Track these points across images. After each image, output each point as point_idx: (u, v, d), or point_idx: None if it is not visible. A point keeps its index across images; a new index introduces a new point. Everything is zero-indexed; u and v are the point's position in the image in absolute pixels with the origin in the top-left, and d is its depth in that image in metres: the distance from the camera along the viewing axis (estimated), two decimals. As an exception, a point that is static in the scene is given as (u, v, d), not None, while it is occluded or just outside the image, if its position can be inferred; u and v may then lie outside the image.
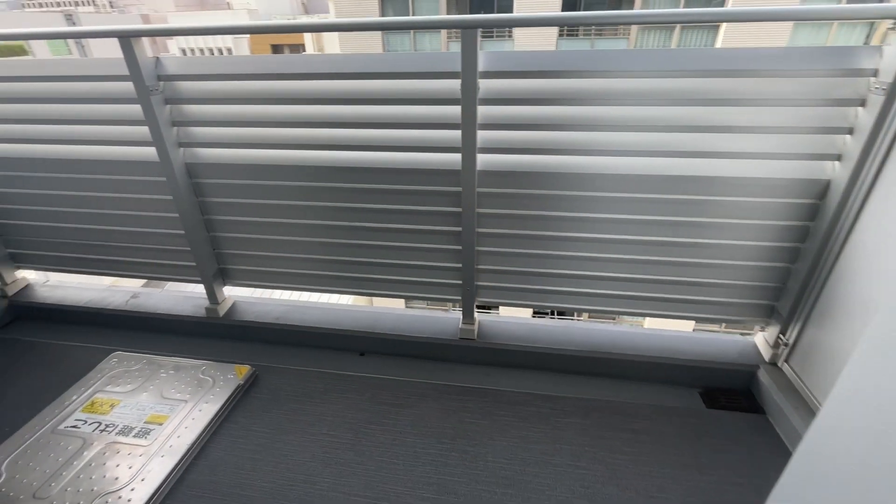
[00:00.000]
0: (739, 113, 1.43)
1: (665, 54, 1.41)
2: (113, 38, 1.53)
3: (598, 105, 1.48)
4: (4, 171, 2.00)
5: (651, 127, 1.47)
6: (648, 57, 1.42)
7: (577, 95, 1.47)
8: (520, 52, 1.47)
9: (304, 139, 1.68)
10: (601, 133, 1.52)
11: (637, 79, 1.43)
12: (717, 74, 1.40)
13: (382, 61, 1.53)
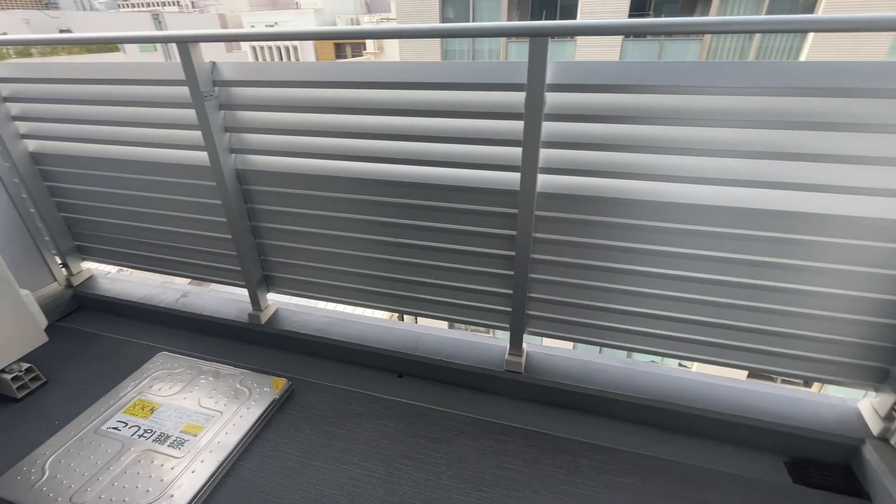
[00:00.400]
0: (847, 139, 1.18)
1: (757, 68, 1.20)
2: (172, 42, 1.52)
3: (678, 125, 1.28)
4: (74, 168, 2.08)
5: (738, 152, 1.26)
6: (737, 71, 1.20)
7: (653, 113, 1.28)
8: (591, 64, 1.30)
9: (355, 150, 1.60)
10: (679, 157, 1.32)
11: (723, 96, 1.23)
12: (820, 93, 1.16)
13: (440, 71, 1.41)
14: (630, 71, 1.28)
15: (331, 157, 1.64)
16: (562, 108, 1.34)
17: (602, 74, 1.29)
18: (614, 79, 1.28)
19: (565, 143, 1.38)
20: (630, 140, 1.33)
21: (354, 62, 1.54)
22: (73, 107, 1.93)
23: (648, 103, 1.29)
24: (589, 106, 1.33)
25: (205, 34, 1.50)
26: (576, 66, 1.31)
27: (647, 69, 1.27)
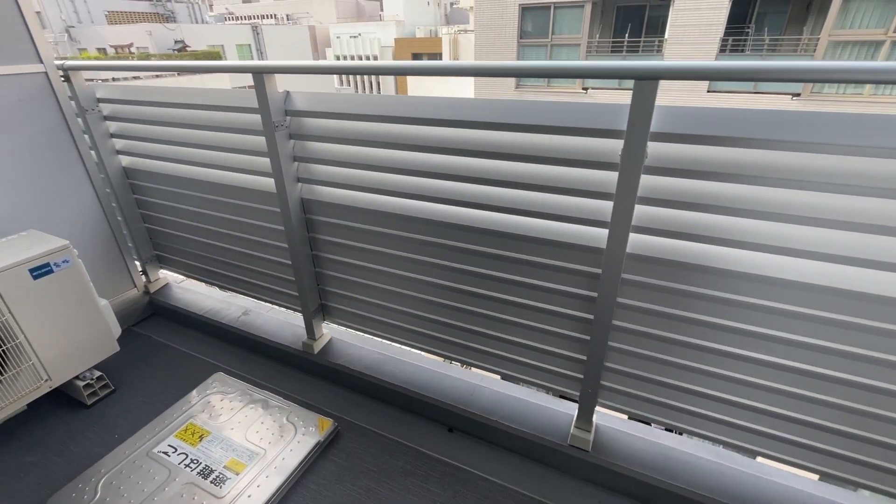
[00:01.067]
0: None
1: None
2: (249, 72, 1.50)
3: (801, 188, 1.03)
4: (158, 184, 2.17)
5: (866, 226, 0.98)
6: (879, 126, 0.93)
7: (774, 172, 1.03)
8: (704, 111, 1.07)
9: (424, 190, 1.48)
10: (800, 227, 1.05)
11: (859, 157, 0.96)
12: None
13: (523, 110, 1.25)
14: (749, 121, 1.04)
15: (398, 195, 1.54)
16: (665, 160, 1.12)
17: (716, 124, 1.06)
18: (730, 129, 1.04)
19: (665, 201, 1.16)
20: (742, 202, 1.08)
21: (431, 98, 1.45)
22: (160, 128, 2.01)
23: (768, 160, 1.04)
24: (698, 159, 1.10)
25: (278, 66, 1.46)
26: (685, 112, 1.09)
27: (769, 120, 1.02)
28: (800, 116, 1.01)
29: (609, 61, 1.01)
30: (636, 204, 1.16)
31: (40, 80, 1.89)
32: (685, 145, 1.10)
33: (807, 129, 0.99)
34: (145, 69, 1.91)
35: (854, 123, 0.96)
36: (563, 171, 1.25)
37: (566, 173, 1.24)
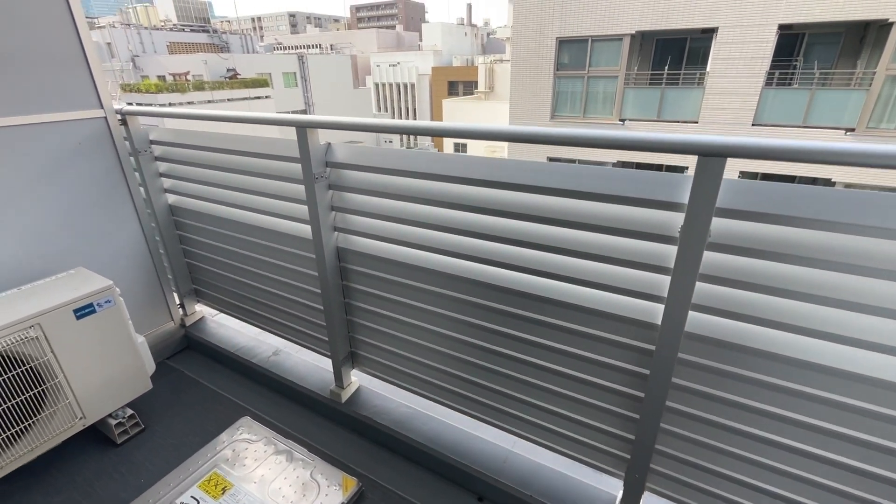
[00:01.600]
0: None
1: None
2: (292, 126, 1.51)
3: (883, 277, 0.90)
4: (201, 223, 2.22)
5: None
6: None
7: (856, 259, 0.92)
8: (777, 187, 0.98)
9: (463, 248, 1.43)
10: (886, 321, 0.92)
11: None
12: None
13: (571, 174, 1.18)
14: (829, 200, 0.93)
15: (436, 251, 1.49)
16: (730, 237, 1.02)
17: (791, 202, 0.96)
18: (808, 209, 0.94)
19: (728, 280, 1.05)
20: (817, 287, 0.97)
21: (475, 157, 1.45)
22: (206, 170, 2.06)
23: (850, 245, 0.93)
24: (767, 238, 0.99)
25: (320, 121, 1.46)
26: (754, 188, 0.99)
27: (852, 200, 0.92)
28: (888, 200, 0.90)
29: (669, 134, 0.94)
30: (697, 281, 1.06)
31: (100, 124, 1.99)
32: (753, 223, 1.00)
33: None
34: (196, 117, 2.04)
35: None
36: (615, 240, 1.16)
37: (618, 242, 1.16)
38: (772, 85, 9.11)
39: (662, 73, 10.23)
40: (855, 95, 8.48)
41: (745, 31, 8.83)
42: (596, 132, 1.04)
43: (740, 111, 9.29)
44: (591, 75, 10.69)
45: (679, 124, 9.98)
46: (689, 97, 9.90)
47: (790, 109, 9.00)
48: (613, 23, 9.95)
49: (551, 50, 10.81)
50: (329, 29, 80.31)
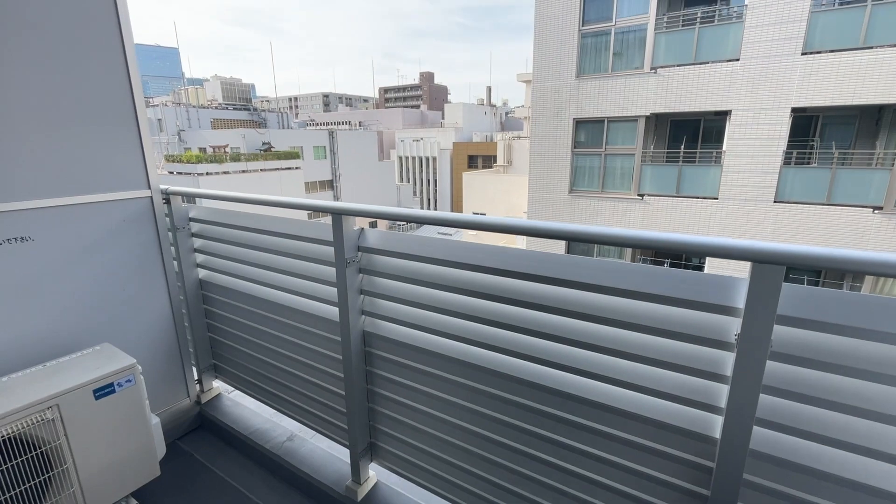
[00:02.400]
0: None
1: None
2: (328, 213, 1.55)
3: None
4: (226, 298, 2.23)
5: None
6: None
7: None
8: (848, 296, 0.91)
9: (498, 341, 1.37)
10: None
11: None
12: None
13: (616, 271, 1.14)
14: None
15: (469, 342, 1.43)
16: (792, 345, 0.95)
17: (862, 312, 0.88)
18: (876, 321, 0.86)
19: (799, 395, 0.95)
20: None
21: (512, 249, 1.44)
22: (239, 248, 2.10)
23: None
24: (841, 350, 0.91)
25: (355, 208, 1.50)
26: (817, 295, 0.93)
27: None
28: None
29: (719, 238, 0.90)
30: (761, 393, 0.97)
31: (145, 202, 2.09)
32: (822, 333, 0.92)
33: None
34: (237, 200, 2.17)
35: None
36: (663, 341, 1.09)
37: (665, 344, 1.09)
38: (790, 164, 9.21)
39: (679, 152, 10.51)
40: (878, 175, 8.47)
41: (759, 113, 9.13)
42: (643, 234, 1.01)
43: (760, 188, 9.34)
44: (609, 153, 11.06)
45: (699, 200, 10.05)
46: (707, 174, 10.06)
47: (812, 188, 9.00)
48: (627, 106, 10.46)
49: (568, 129, 11.32)
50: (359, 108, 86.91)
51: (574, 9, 10.61)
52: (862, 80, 8.15)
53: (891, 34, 7.90)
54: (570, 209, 11.70)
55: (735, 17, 9.39)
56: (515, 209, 20.40)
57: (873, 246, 8.49)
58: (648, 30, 9.93)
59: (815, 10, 8.44)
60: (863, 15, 8.12)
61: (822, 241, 8.93)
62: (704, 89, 9.59)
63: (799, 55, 8.57)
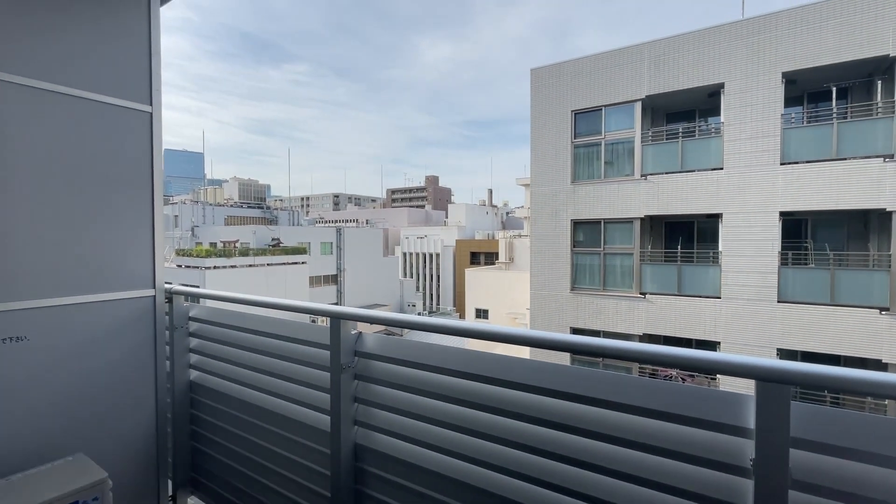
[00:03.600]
0: None
1: None
2: (327, 316, 1.54)
3: None
4: (214, 402, 2.13)
5: None
6: None
7: None
8: (856, 417, 0.86)
9: (502, 460, 1.26)
10: None
11: None
12: None
13: (616, 384, 1.10)
14: None
15: (468, 460, 1.32)
16: (807, 471, 0.87)
17: (875, 438, 0.83)
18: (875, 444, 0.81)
19: (832, 531, 0.85)
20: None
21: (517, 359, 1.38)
22: (235, 350, 2.06)
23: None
24: (867, 480, 0.84)
25: (354, 313, 1.50)
26: (826, 415, 0.88)
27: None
28: None
29: (723, 355, 0.89)
30: (787, 528, 0.87)
31: (147, 302, 2.10)
32: (844, 460, 0.86)
33: None
34: (237, 301, 2.20)
35: None
36: (670, 463, 1.01)
37: (679, 469, 1.00)
38: (787, 264, 9.36)
39: (676, 251, 10.76)
40: (878, 276, 8.54)
41: (748, 216, 9.52)
42: (644, 347, 1.00)
43: (762, 288, 9.37)
44: (607, 252, 11.33)
45: (702, 299, 10.04)
46: (706, 274, 10.17)
47: (814, 288, 9.03)
48: (622, 208, 10.97)
49: (567, 229, 11.75)
50: (366, 207, 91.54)
51: (566, 124, 11.69)
52: (841, 188, 8.63)
53: (860, 147, 8.56)
54: (573, 306, 11.64)
55: (714, 132, 10.28)
56: (518, 305, 20.34)
57: (889, 347, 8.24)
58: (636, 142, 10.82)
59: (786, 127, 9.26)
60: (830, 131, 8.88)
61: (836, 342, 8.71)
62: (694, 194, 10.13)
63: (778, 165, 9.20)
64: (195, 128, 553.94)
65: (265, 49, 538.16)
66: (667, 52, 10.39)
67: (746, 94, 9.53)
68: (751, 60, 9.47)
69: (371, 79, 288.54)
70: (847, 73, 9.24)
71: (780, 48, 9.16)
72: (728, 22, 9.84)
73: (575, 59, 11.72)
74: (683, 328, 10.26)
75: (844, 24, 8.59)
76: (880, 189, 8.32)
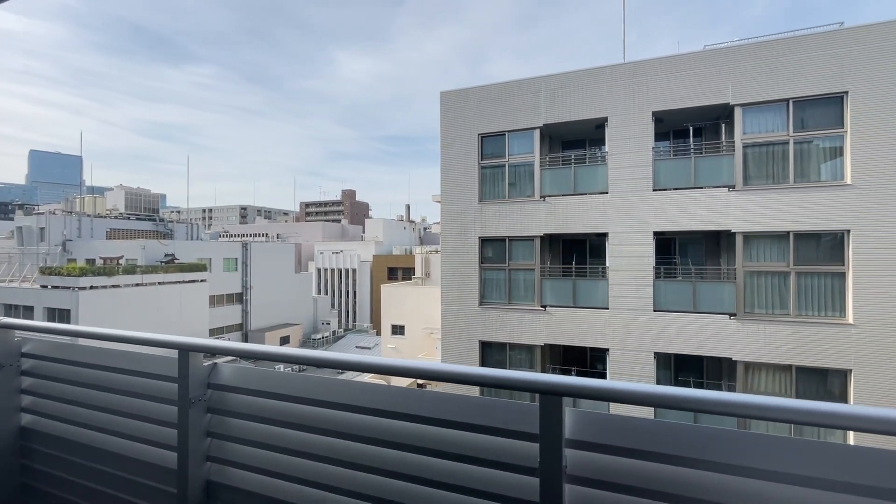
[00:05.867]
0: None
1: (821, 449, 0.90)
2: (173, 348, 1.49)
3: None
4: (45, 447, 1.90)
5: None
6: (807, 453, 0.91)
7: (695, 491, 0.96)
8: (621, 419, 1.06)
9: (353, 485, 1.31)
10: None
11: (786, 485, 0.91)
12: None
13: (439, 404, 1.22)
14: (682, 436, 1.01)
15: (327, 488, 1.34)
16: (582, 467, 1.05)
17: (637, 435, 1.03)
18: (659, 444, 1.01)
19: (597, 515, 1.03)
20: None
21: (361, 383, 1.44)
22: (75, 388, 1.87)
23: (691, 479, 0.98)
24: (624, 472, 1.03)
25: (203, 344, 1.47)
26: (597, 419, 1.07)
27: (686, 435, 1.01)
28: (723, 434, 1.00)
29: (513, 372, 1.04)
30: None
31: (-38, 337, 1.83)
32: (603, 455, 1.04)
33: (725, 448, 0.96)
34: (74, 334, 1.94)
35: (791, 449, 0.94)
36: (480, 470, 1.14)
37: (482, 473, 1.13)
38: (660, 277, 10.69)
39: (571, 267, 11.77)
40: (727, 287, 10.10)
41: (629, 235, 10.75)
42: (441, 367, 1.12)
43: (642, 299, 10.58)
44: (512, 268, 12.02)
45: (593, 310, 11.04)
46: (596, 287, 11.23)
47: (681, 298, 10.41)
48: (524, 227, 11.76)
49: (475, 246, 12.26)
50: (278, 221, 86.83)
51: (473, 146, 12.29)
52: (698, 212, 10.14)
53: (711, 178, 10.15)
54: (482, 321, 12.10)
55: (601, 160, 11.50)
56: (434, 320, 20.55)
57: (738, 344, 9.74)
58: (535, 166, 11.71)
59: (656, 159, 10.68)
60: (689, 163, 10.43)
61: (698, 344, 10.07)
62: (585, 215, 11.19)
63: (651, 191, 10.55)
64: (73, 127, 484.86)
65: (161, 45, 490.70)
66: (561, 86, 11.47)
67: (625, 128, 10.84)
68: (628, 99, 10.81)
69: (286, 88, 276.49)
70: (701, 116, 10.95)
71: (651, 91, 10.60)
72: (611, 64, 11.17)
73: (480, 86, 12.43)
74: (579, 337, 11.17)
75: (696, 75, 10.21)
76: (726, 213, 9.91)
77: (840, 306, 9.29)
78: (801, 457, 0.92)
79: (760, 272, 9.88)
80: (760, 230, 9.75)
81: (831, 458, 0.90)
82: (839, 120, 9.28)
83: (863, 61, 9.05)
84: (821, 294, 9.49)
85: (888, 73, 8.87)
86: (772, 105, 9.76)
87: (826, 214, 9.26)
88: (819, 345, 9.26)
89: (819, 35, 9.59)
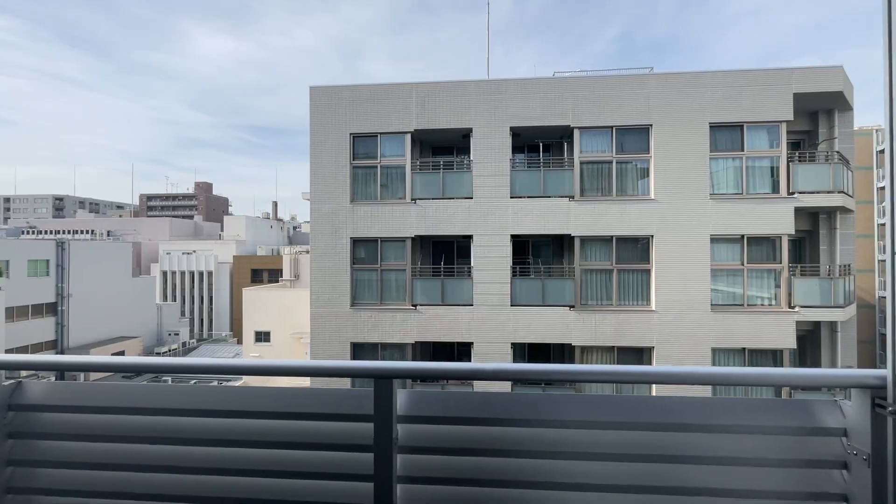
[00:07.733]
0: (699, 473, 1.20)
1: (607, 401, 1.27)
2: (-37, 369, 1.28)
3: (548, 458, 1.24)
4: None
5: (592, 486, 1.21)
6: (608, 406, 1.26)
7: (513, 445, 1.24)
8: (443, 394, 1.29)
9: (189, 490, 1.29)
10: (551, 492, 1.23)
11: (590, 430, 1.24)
12: (665, 428, 1.22)
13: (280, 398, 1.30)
14: (490, 403, 1.27)
15: (169, 499, 1.30)
16: (411, 438, 1.25)
17: (454, 405, 1.27)
18: (474, 410, 1.25)
19: (427, 479, 1.24)
20: (500, 473, 1.23)
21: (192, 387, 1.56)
22: None
23: (511, 436, 1.25)
24: (452, 437, 1.26)
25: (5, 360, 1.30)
26: (425, 396, 1.28)
27: (506, 402, 1.28)
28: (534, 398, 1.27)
29: (350, 362, 1.19)
30: (398, 483, 1.21)
31: None
32: (433, 426, 1.26)
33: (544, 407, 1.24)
34: None
35: (576, 402, 1.25)
36: (319, 455, 1.26)
37: (321, 457, 1.26)
38: (517, 276, 11.97)
39: (440, 267, 12.43)
40: (568, 283, 11.78)
41: (491, 238, 11.80)
42: (286, 363, 1.22)
43: (502, 296, 11.71)
44: (384, 268, 12.19)
45: (460, 307, 11.83)
46: (463, 286, 12.07)
47: (532, 294, 11.80)
48: (396, 228, 12.03)
49: (347, 247, 12.12)
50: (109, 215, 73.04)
51: (344, 145, 12.14)
52: (546, 218, 11.63)
53: (556, 189, 11.73)
54: (353, 322, 12.01)
55: (467, 167, 12.37)
56: (303, 325, 19.57)
57: (576, 331, 11.41)
58: (406, 169, 12.06)
59: (513, 169, 11.93)
60: (539, 175, 11.89)
61: (547, 331, 11.52)
62: (452, 218, 11.92)
63: (509, 198, 11.73)
64: None
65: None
66: (431, 94, 12.02)
67: (488, 139, 11.86)
68: (490, 113, 11.85)
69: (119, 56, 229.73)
70: (549, 134, 12.56)
71: (510, 108, 11.79)
72: (476, 80, 12.09)
73: (352, 85, 12.33)
74: (447, 334, 11.86)
75: (544, 98, 11.70)
76: (567, 220, 11.56)
77: (646, 296, 11.57)
78: (580, 407, 1.25)
79: (592, 269, 11.75)
80: (593, 234, 11.60)
81: (602, 406, 1.25)
82: (646, 147, 11.56)
83: (661, 101, 11.42)
84: (634, 287, 11.69)
85: (677, 113, 11.37)
86: (601, 130, 11.70)
87: (638, 223, 11.45)
88: (633, 328, 11.40)
89: (634, 77, 11.82)
